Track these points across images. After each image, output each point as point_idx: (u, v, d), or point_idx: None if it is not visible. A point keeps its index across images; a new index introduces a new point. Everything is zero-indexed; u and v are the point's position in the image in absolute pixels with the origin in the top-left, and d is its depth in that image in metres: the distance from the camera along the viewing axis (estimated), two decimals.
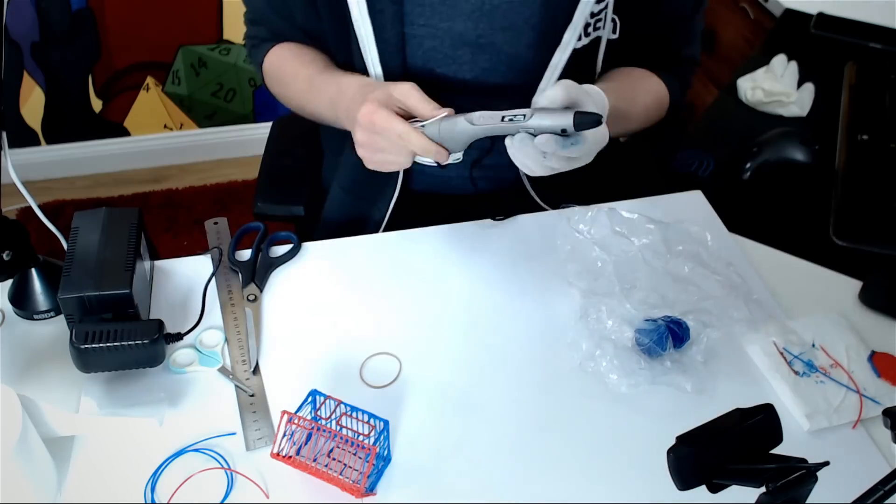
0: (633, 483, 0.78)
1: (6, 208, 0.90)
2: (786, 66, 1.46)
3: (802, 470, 0.52)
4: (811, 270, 1.03)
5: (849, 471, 0.65)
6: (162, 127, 2.48)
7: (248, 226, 1.02)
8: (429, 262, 1.01)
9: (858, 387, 0.87)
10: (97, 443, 0.79)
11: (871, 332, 0.94)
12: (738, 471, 0.55)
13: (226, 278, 0.97)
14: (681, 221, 1.02)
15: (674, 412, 0.84)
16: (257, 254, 1.00)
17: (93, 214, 0.91)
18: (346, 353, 0.90)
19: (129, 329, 0.82)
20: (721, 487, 0.56)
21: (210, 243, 1.01)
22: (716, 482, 0.56)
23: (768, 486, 0.51)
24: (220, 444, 0.80)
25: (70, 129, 2.40)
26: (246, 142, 2.53)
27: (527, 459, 0.80)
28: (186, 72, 2.38)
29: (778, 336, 0.91)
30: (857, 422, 0.84)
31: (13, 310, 0.92)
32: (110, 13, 2.20)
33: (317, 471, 0.76)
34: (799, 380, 0.87)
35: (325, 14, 1.04)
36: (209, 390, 0.85)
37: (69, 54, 2.25)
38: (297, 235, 1.02)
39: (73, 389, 0.84)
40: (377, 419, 0.78)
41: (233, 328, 0.91)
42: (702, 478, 0.55)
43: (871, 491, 0.51)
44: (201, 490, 0.76)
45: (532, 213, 1.07)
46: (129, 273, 0.85)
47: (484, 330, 0.93)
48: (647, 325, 0.88)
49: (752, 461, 0.55)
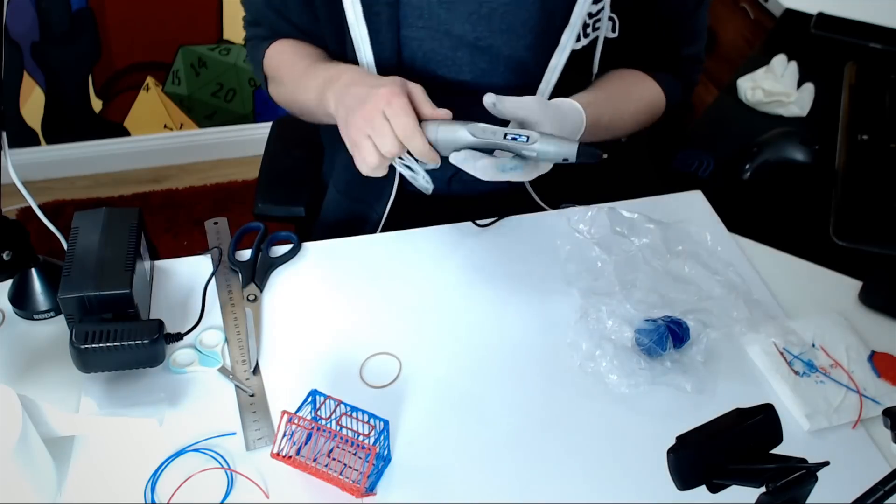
0: (634, 483, 0.78)
1: (6, 208, 0.90)
2: (786, 66, 1.46)
3: (802, 470, 0.52)
4: (811, 270, 1.03)
5: (849, 471, 0.65)
6: (162, 127, 2.48)
7: (248, 226, 1.02)
8: (429, 262, 1.01)
9: (858, 387, 0.87)
10: (97, 443, 0.79)
11: (871, 332, 0.94)
12: (738, 471, 0.55)
13: (226, 278, 0.97)
14: (681, 221, 1.02)
15: (674, 412, 0.84)
16: (257, 254, 1.00)
17: (93, 214, 0.91)
18: (346, 353, 0.90)
19: (129, 329, 0.82)
20: (721, 487, 0.56)
21: (210, 243, 1.01)
22: (716, 482, 0.56)
23: (768, 486, 0.51)
24: (220, 444, 0.80)
25: (70, 129, 2.40)
26: (246, 142, 2.53)
27: (527, 459, 0.80)
28: (186, 72, 2.38)
29: (778, 336, 0.91)
30: (857, 422, 0.84)
31: (13, 310, 0.92)
32: (110, 13, 2.20)
33: (317, 471, 0.76)
34: (799, 380, 0.87)
35: (321, 15, 1.04)
36: (209, 390, 0.85)
37: (69, 54, 2.25)
38: (296, 235, 1.02)
39: (73, 389, 0.84)
40: (377, 419, 0.78)
41: (233, 328, 0.91)
42: (702, 478, 0.55)
43: (871, 491, 0.51)
44: (201, 490, 0.76)
45: (532, 214, 1.07)
46: (129, 273, 0.85)
47: (484, 330, 0.93)
48: (647, 326, 0.88)
49: (752, 461, 0.55)
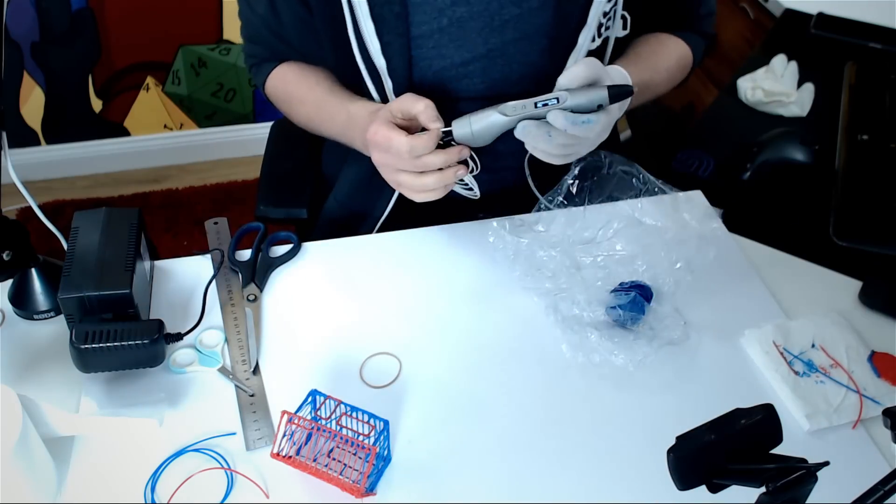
0: (634, 483, 0.78)
1: (6, 208, 0.90)
2: (786, 66, 1.46)
3: (802, 470, 0.52)
4: (811, 270, 1.03)
5: (849, 471, 0.65)
6: (162, 127, 2.48)
7: (248, 226, 1.02)
8: (429, 261, 1.01)
9: (858, 387, 0.87)
10: (97, 443, 0.79)
11: (871, 332, 0.94)
12: (738, 471, 0.55)
13: (226, 278, 0.97)
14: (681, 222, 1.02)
15: (673, 413, 0.84)
16: (257, 254, 1.00)
17: (93, 214, 0.91)
18: (346, 353, 0.90)
19: (129, 329, 0.82)
20: (721, 487, 0.56)
21: (210, 243, 1.01)
22: (716, 482, 0.56)
23: (768, 487, 0.51)
24: (220, 444, 0.80)
25: (70, 129, 2.40)
26: (246, 142, 2.53)
27: (527, 459, 0.80)
28: (186, 72, 2.38)
29: (778, 336, 0.91)
30: (858, 422, 0.84)
31: (13, 310, 0.92)
32: (110, 13, 2.20)
33: (317, 471, 0.76)
34: (799, 380, 0.87)
35: (324, 41, 1.03)
36: (209, 390, 0.85)
37: (69, 54, 2.25)
38: (296, 235, 1.02)
39: (73, 389, 0.84)
40: (377, 419, 0.78)
41: (233, 328, 0.91)
42: (702, 478, 0.55)
43: (871, 491, 0.51)
44: (201, 490, 0.76)
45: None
46: (129, 273, 0.85)
47: (484, 330, 0.92)
48: (619, 299, 0.90)
49: (752, 461, 0.55)
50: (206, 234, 1.03)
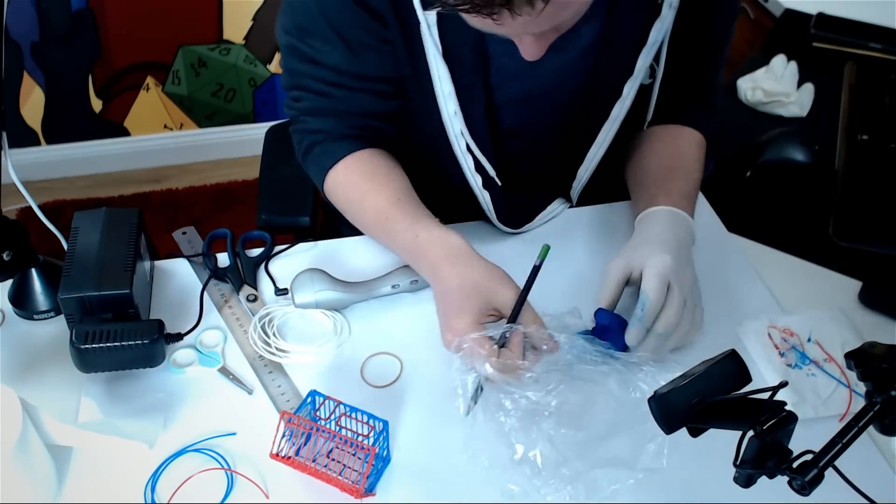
0: (635, 482, 0.78)
1: (6, 208, 0.90)
2: (786, 67, 1.46)
3: (774, 406, 0.58)
4: (811, 270, 1.03)
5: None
6: (162, 127, 2.48)
7: (215, 233, 1.00)
8: None
9: (850, 381, 0.87)
10: (97, 443, 0.79)
11: (871, 332, 0.94)
12: (717, 407, 0.61)
13: (214, 281, 0.97)
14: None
15: None
16: (236, 258, 0.98)
17: (93, 214, 0.91)
18: (346, 353, 0.90)
19: (129, 329, 0.82)
20: (700, 431, 0.63)
21: (184, 252, 0.99)
22: (695, 426, 0.62)
23: (756, 428, 0.57)
24: (220, 444, 0.80)
25: (70, 129, 2.40)
26: (246, 142, 2.53)
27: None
28: (186, 72, 2.38)
29: (773, 328, 0.92)
30: (846, 415, 0.84)
31: (13, 310, 0.92)
32: (110, 13, 2.20)
33: (316, 471, 0.76)
34: (790, 371, 0.88)
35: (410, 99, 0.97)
36: (209, 390, 0.85)
37: (69, 54, 2.25)
38: (269, 235, 1.01)
39: (74, 390, 0.84)
40: (376, 420, 0.78)
41: (237, 326, 0.92)
42: (684, 419, 0.62)
43: (846, 429, 0.58)
44: (201, 490, 0.77)
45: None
46: (129, 273, 0.85)
47: None
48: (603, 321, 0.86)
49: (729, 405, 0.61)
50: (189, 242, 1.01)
